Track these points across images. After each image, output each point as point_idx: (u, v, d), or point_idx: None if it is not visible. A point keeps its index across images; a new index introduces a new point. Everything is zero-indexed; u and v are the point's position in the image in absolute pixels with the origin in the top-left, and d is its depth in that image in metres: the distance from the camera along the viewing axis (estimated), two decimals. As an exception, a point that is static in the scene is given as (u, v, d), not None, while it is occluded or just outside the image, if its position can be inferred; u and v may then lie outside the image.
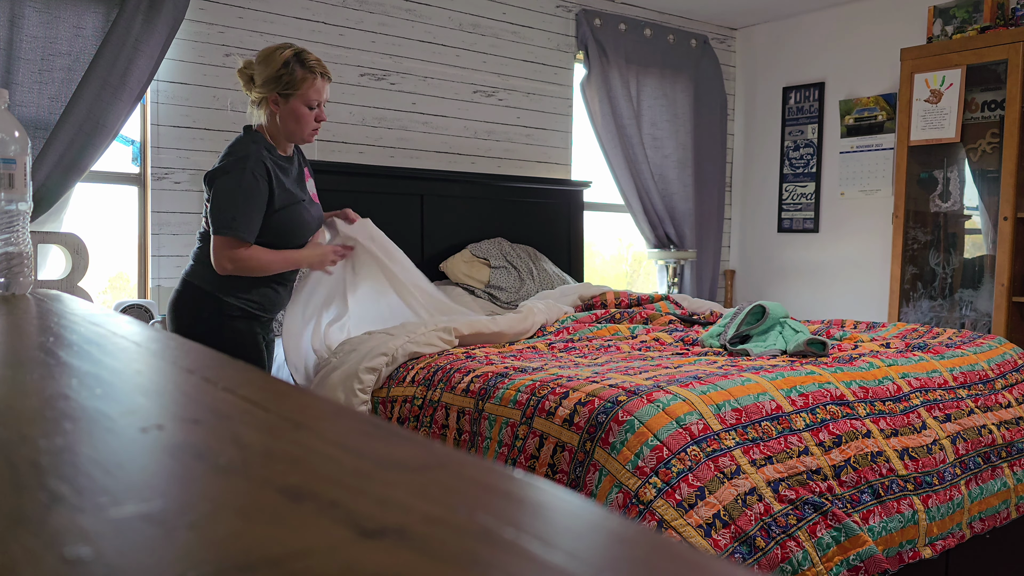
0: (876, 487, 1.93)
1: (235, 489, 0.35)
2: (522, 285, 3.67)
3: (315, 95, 2.23)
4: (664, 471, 1.68)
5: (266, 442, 0.43)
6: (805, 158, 4.82)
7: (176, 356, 0.72)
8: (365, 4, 3.71)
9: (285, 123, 2.25)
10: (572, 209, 4.31)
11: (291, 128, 2.26)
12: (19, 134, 1.28)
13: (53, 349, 0.74)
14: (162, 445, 0.42)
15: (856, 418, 2.04)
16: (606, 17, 4.43)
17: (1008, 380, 2.57)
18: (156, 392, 0.59)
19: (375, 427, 0.46)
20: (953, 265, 4.14)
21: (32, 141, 2.83)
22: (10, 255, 1.28)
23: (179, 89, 3.25)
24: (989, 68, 3.86)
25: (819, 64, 4.75)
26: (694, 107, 4.80)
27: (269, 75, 2.21)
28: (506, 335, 2.76)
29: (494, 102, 4.14)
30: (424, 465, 0.39)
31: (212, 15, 3.31)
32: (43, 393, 0.54)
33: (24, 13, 2.84)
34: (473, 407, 2.10)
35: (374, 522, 0.30)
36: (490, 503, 0.34)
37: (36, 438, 0.42)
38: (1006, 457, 2.31)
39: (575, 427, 1.82)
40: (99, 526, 0.30)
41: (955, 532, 2.07)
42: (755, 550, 1.66)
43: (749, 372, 2.06)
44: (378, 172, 3.63)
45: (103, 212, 3.32)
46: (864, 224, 4.56)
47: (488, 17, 4.10)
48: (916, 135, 4.01)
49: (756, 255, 5.12)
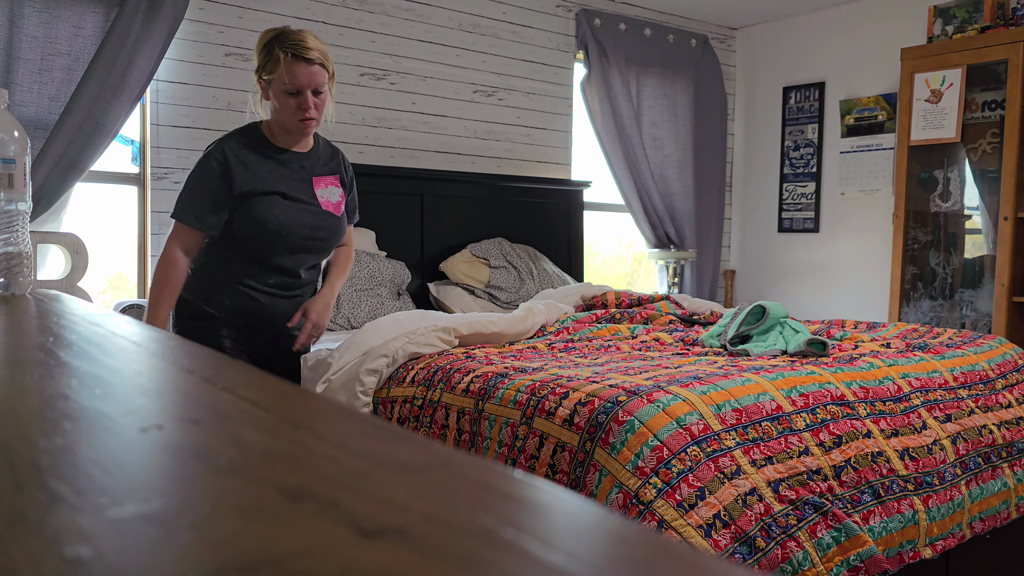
0: (876, 487, 1.93)
1: (235, 489, 0.35)
2: (522, 285, 3.67)
3: (290, 79, 2.00)
4: (664, 471, 1.68)
5: (266, 442, 0.43)
6: (805, 158, 4.82)
7: (176, 356, 0.72)
8: (365, 4, 3.71)
9: (275, 112, 2.10)
10: (572, 209, 4.31)
11: (279, 118, 2.09)
12: (19, 134, 1.28)
13: (53, 349, 0.74)
14: (162, 445, 0.42)
15: (856, 418, 2.04)
16: (606, 17, 4.43)
17: (1008, 380, 2.57)
18: (156, 392, 0.59)
19: (375, 427, 0.45)
20: (953, 265, 4.14)
21: (32, 141, 2.83)
22: (10, 255, 1.28)
23: (179, 89, 3.25)
24: (989, 68, 3.86)
25: (819, 64, 4.75)
26: (694, 107, 4.81)
27: (257, 61, 2.09)
28: (506, 335, 2.76)
29: (494, 102, 4.14)
30: (424, 465, 0.39)
31: (212, 15, 3.31)
32: (43, 393, 0.54)
33: (24, 13, 2.84)
34: (473, 407, 2.10)
35: (374, 522, 0.30)
36: (490, 503, 0.34)
37: (36, 438, 0.42)
38: (1006, 457, 2.31)
39: (575, 427, 1.82)
40: (99, 526, 0.29)
41: (955, 532, 2.07)
42: (755, 550, 1.66)
43: (749, 372, 2.06)
44: (378, 172, 3.63)
45: (103, 212, 3.32)
46: (864, 224, 4.56)
47: (488, 17, 4.10)
48: (916, 135, 4.01)
49: (756, 255, 5.12)
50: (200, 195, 2.04)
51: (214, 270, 2.13)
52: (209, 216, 2.05)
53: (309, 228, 2.13)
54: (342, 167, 2.26)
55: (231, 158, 2.05)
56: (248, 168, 2.06)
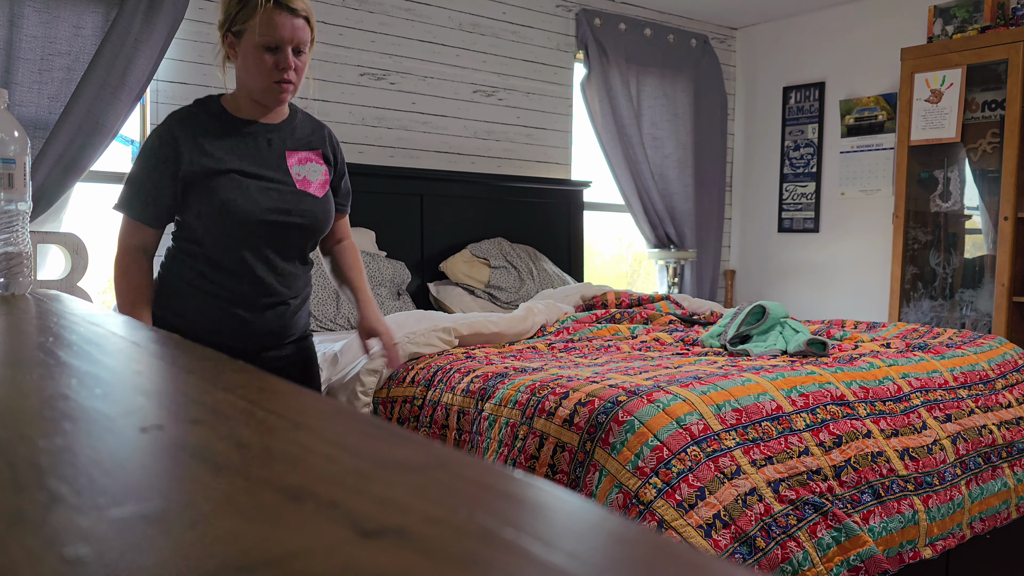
0: (876, 487, 1.93)
1: (235, 489, 0.35)
2: (522, 285, 3.67)
3: (268, 31, 1.66)
4: (664, 471, 1.68)
5: (266, 442, 0.43)
6: (805, 158, 4.82)
7: (176, 356, 0.72)
8: (365, 4, 3.71)
9: (243, 74, 1.72)
10: (572, 209, 4.31)
11: (249, 80, 1.71)
12: (18, 134, 1.28)
13: (52, 349, 0.74)
14: (162, 445, 0.42)
15: (856, 418, 2.04)
16: (606, 17, 4.43)
17: (1008, 380, 2.57)
18: (156, 392, 0.59)
19: (375, 427, 0.45)
20: (953, 265, 4.14)
21: (31, 141, 2.83)
22: (9, 255, 1.28)
23: (179, 89, 3.25)
24: (989, 68, 3.86)
25: (819, 64, 4.75)
26: (694, 107, 4.81)
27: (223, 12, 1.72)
28: (506, 335, 2.76)
29: (494, 102, 4.14)
30: (424, 465, 0.39)
31: (212, 15, 3.31)
32: (43, 393, 0.54)
33: (24, 13, 2.84)
34: (473, 407, 2.10)
35: (374, 522, 0.30)
36: (490, 503, 0.34)
37: (35, 438, 0.42)
38: (1006, 457, 2.31)
39: (575, 427, 1.82)
40: (99, 526, 0.29)
41: (955, 532, 2.07)
42: (755, 550, 1.66)
43: (749, 372, 2.06)
44: (378, 172, 3.63)
45: (102, 212, 3.32)
46: (864, 224, 4.56)
47: (488, 17, 4.10)
48: (916, 135, 4.01)
49: (756, 255, 5.12)
50: (142, 183, 1.69)
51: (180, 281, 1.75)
52: (151, 207, 1.70)
53: (279, 212, 1.72)
54: (328, 143, 1.87)
55: (179, 135, 1.69)
56: (198, 146, 1.69)
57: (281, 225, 1.73)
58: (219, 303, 1.73)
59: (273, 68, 1.68)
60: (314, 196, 1.79)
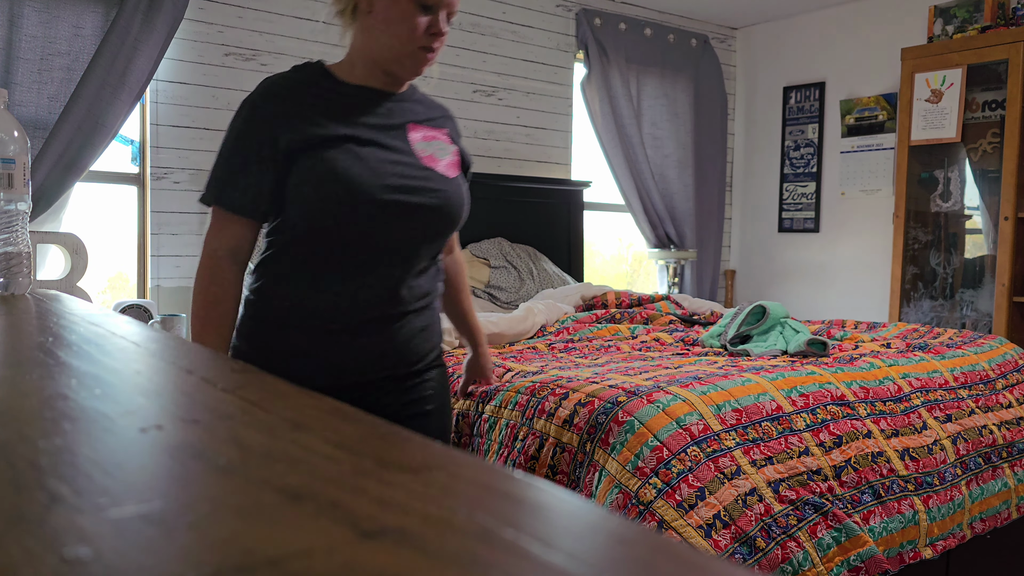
0: (877, 487, 1.93)
1: (235, 489, 0.35)
2: (522, 285, 3.66)
3: None
4: (664, 472, 1.68)
5: (266, 442, 0.43)
6: (805, 158, 4.82)
7: (176, 356, 0.72)
8: (365, 4, 3.71)
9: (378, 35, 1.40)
10: (572, 209, 4.31)
11: (387, 42, 1.39)
12: (18, 134, 1.28)
13: (52, 349, 0.74)
14: (162, 445, 0.42)
15: (857, 418, 2.04)
16: (606, 16, 4.43)
17: (1009, 380, 2.57)
18: (155, 392, 0.59)
19: (375, 427, 0.45)
20: (954, 265, 4.14)
21: (31, 141, 2.83)
22: (9, 255, 1.28)
23: (178, 89, 3.25)
24: (990, 68, 3.86)
25: (819, 64, 4.75)
26: (694, 107, 4.81)
27: None
28: (506, 335, 2.76)
29: (494, 102, 4.14)
30: (424, 465, 0.39)
31: (212, 15, 3.31)
32: (42, 393, 0.54)
33: (23, 12, 2.84)
34: (473, 408, 2.10)
35: (374, 522, 0.30)
36: (490, 504, 0.34)
37: (35, 438, 0.42)
38: (1007, 457, 2.31)
39: (575, 428, 1.82)
40: (98, 526, 0.29)
41: (956, 532, 2.07)
42: (755, 551, 1.66)
43: (749, 372, 2.06)
44: (378, 172, 3.63)
45: (102, 212, 3.32)
46: (865, 224, 4.56)
47: (488, 16, 4.10)
48: (917, 135, 4.01)
49: (756, 255, 5.12)
50: (233, 163, 1.38)
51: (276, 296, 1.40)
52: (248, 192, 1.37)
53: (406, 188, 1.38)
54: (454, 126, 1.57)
55: (276, 101, 1.39)
56: (301, 112, 1.38)
57: (410, 207, 1.38)
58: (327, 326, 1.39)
59: (424, 32, 1.37)
60: (447, 177, 1.45)
